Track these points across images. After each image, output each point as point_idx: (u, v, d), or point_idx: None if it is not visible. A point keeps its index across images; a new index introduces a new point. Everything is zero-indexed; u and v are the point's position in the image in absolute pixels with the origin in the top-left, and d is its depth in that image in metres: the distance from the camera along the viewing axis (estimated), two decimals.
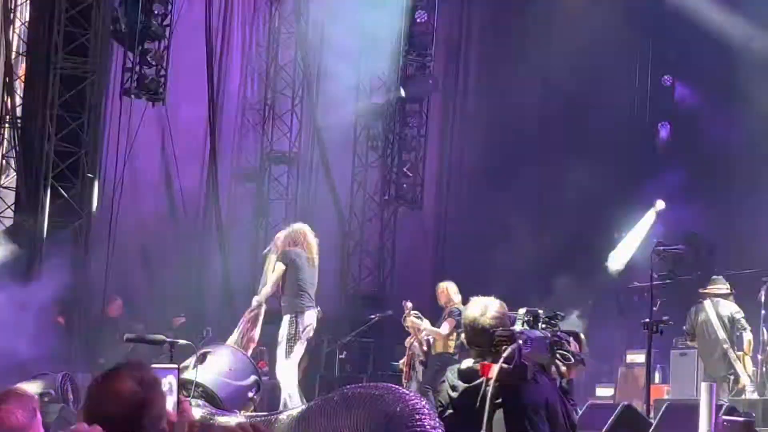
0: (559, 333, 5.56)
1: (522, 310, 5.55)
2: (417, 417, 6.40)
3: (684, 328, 13.47)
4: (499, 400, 5.36)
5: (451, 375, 5.68)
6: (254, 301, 11.85)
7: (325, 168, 20.14)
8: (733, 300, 13.23)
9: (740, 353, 12.71)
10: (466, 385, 5.51)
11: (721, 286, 13.16)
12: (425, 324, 13.63)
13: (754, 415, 9.24)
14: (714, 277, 13.54)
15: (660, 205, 19.85)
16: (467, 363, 5.62)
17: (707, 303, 12.94)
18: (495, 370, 5.24)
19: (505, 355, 5.25)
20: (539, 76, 20.13)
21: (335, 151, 20.14)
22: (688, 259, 17.64)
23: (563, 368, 5.54)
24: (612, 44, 19.64)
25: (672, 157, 20.24)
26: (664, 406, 9.47)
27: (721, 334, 12.67)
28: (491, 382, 5.29)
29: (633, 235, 19.65)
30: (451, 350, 13.38)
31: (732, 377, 12.68)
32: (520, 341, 5.27)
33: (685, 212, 18.90)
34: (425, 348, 13.55)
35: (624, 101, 20.24)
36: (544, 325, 5.54)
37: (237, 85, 19.96)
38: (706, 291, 13.21)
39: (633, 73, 20.97)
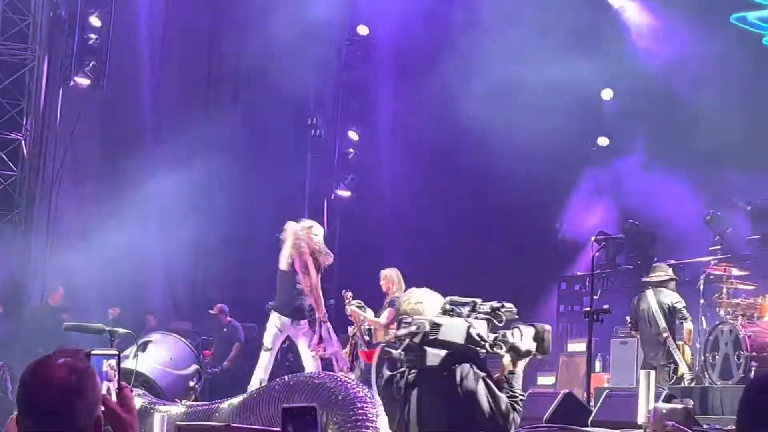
0: (498, 323, 5.61)
1: (445, 299, 5.62)
2: (359, 405, 6.42)
3: (627, 317, 13.59)
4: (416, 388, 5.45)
5: (385, 364, 5.75)
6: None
7: (269, 157, 20.05)
8: (675, 286, 13.34)
9: (680, 342, 12.85)
10: (390, 373, 5.60)
11: (662, 273, 13.27)
12: (367, 314, 13.64)
13: (692, 402, 9.36)
14: (655, 264, 13.65)
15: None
16: (395, 352, 5.69)
17: (649, 292, 13.06)
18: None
19: (386, 339, 5.39)
20: (481, 64, 20.18)
21: (278, 140, 20.07)
22: (628, 248, 17.84)
23: (506, 360, 5.58)
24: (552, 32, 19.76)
25: (617, 144, 20.34)
26: (604, 394, 9.56)
27: (662, 323, 12.81)
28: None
29: None
30: (393, 339, 13.38)
31: (671, 366, 12.82)
32: (413, 327, 5.36)
33: (627, 201, 19.07)
34: (367, 338, 13.56)
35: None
36: (477, 314, 5.58)
37: (179, 71, 19.82)
38: (648, 280, 13.32)
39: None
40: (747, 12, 18.16)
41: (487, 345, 5.52)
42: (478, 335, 5.49)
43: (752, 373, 11.94)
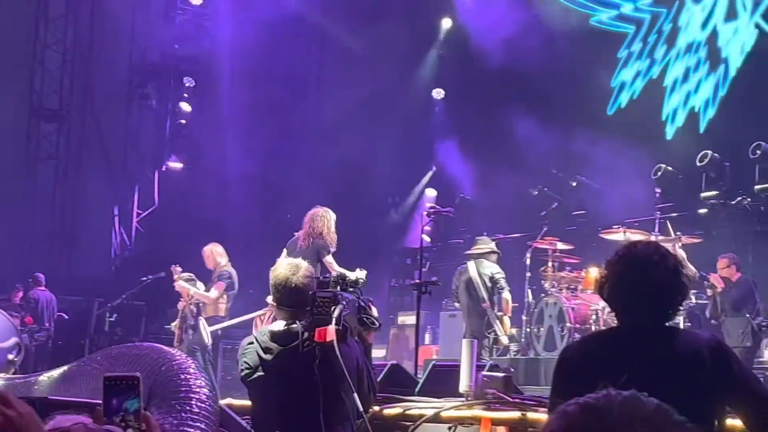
0: (362, 297, 5.67)
1: (336, 273, 5.62)
2: (182, 376, 6.31)
3: (452, 288, 13.76)
4: (316, 362, 5.41)
5: (262, 337, 5.61)
6: None
7: (97, 126, 19.61)
8: (498, 259, 13.54)
9: (500, 313, 13.01)
10: (282, 347, 5.50)
11: (483, 246, 13.45)
12: (196, 288, 13.51)
13: (513, 370, 9.54)
14: (478, 237, 13.83)
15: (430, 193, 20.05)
16: (279, 325, 5.60)
17: (470, 264, 13.25)
18: (331, 332, 5.27)
19: (335, 316, 5.31)
20: (319, 37, 20.17)
21: (108, 109, 19.63)
22: (458, 222, 18.08)
23: (364, 333, 5.65)
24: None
25: (446, 122, 20.54)
26: (430, 365, 9.67)
27: (483, 294, 13.00)
28: (314, 343, 5.38)
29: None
30: (222, 313, 13.34)
31: (492, 336, 13.05)
32: (344, 303, 5.36)
33: (459, 177, 19.31)
34: (195, 311, 13.44)
35: (400, 66, 20.47)
36: (352, 289, 5.60)
37: (2, 38, 19.19)
38: (470, 252, 13.49)
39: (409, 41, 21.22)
40: None
41: (364, 318, 5.63)
42: (359, 308, 5.58)
43: None
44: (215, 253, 13.58)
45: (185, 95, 19.52)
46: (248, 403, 7.89)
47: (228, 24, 20.74)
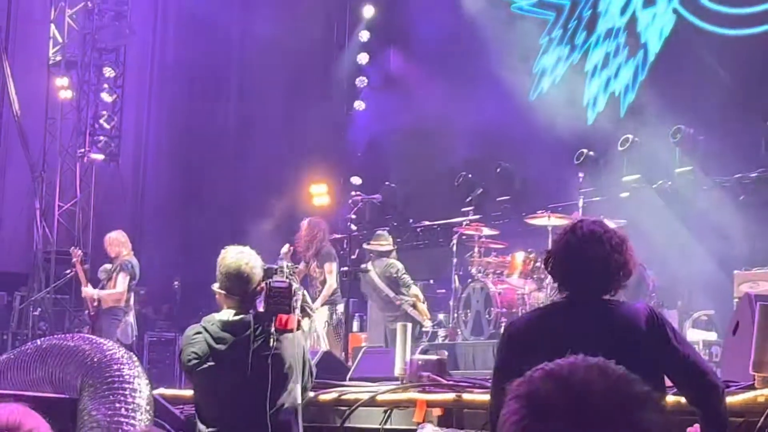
0: (300, 286, 5.81)
1: (283, 262, 5.70)
2: (116, 366, 6.29)
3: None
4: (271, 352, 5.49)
5: (213, 327, 5.62)
6: None
7: (16, 120, 19.29)
8: (396, 255, 13.27)
9: (412, 299, 12.86)
10: (236, 337, 5.53)
11: (384, 242, 13.16)
12: (101, 292, 13.17)
13: (446, 353, 9.64)
14: (378, 232, 13.60)
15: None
16: (229, 314, 5.63)
17: (370, 264, 12.88)
18: (293, 320, 5.37)
19: (297, 306, 5.40)
20: (239, 26, 20.06)
21: (26, 102, 19.30)
22: (385, 209, 18.14)
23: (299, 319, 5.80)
24: None
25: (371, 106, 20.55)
26: (361, 352, 9.76)
27: (389, 292, 12.76)
28: (269, 331, 5.48)
29: None
30: (122, 304, 12.85)
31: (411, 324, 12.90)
32: (300, 293, 5.47)
33: (387, 162, 19.33)
34: (95, 304, 13.03)
35: (320, 53, 20.46)
36: (291, 278, 5.69)
37: None
38: (368, 246, 13.16)
39: (331, 26, 21.22)
40: None
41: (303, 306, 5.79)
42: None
43: (502, 328, 12.35)
44: (118, 242, 13.21)
45: (105, 86, 19.29)
46: (181, 393, 7.90)
47: (149, 15, 20.58)
